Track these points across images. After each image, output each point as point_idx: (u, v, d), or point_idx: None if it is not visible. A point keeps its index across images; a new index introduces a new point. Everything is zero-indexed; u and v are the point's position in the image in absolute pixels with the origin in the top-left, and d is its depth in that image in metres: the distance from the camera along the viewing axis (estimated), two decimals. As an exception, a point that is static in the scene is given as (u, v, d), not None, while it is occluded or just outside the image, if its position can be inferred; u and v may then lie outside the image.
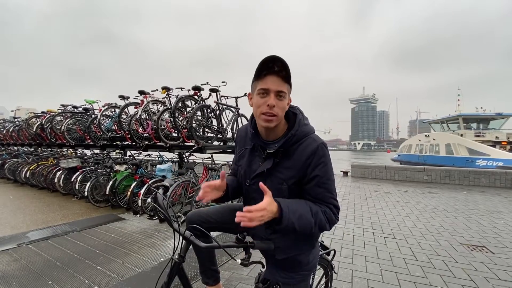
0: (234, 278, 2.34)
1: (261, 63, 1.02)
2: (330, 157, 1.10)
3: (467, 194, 6.51)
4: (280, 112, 1.06)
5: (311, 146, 1.07)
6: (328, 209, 1.06)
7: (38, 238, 3.31)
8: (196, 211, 1.39)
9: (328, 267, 1.62)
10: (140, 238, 3.36)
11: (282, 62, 1.01)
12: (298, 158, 1.07)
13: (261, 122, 1.07)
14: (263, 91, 1.04)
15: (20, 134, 7.75)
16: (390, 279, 2.37)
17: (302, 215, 0.99)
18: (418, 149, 23.31)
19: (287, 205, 0.98)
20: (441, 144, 20.02)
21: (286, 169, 1.10)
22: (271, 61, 1.01)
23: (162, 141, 4.34)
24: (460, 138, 18.91)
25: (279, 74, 1.03)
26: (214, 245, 0.93)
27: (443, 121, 22.72)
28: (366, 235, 3.55)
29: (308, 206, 1.03)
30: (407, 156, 24.80)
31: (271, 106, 1.03)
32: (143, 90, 4.86)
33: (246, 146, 1.25)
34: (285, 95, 1.06)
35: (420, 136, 24.11)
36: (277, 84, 1.03)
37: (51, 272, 2.47)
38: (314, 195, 1.07)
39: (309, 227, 1.00)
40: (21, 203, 5.24)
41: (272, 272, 1.17)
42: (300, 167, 1.07)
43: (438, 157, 19.73)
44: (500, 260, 2.78)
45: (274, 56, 1.01)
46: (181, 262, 1.07)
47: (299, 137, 1.09)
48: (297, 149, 1.09)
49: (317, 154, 1.06)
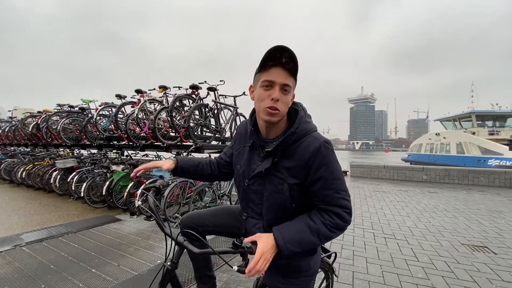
0: (233, 281, 2.29)
1: (267, 53, 0.93)
2: (335, 155, 1.02)
3: (467, 194, 6.48)
4: (283, 108, 0.99)
5: (313, 145, 0.99)
6: (335, 216, 0.98)
7: (32, 240, 3.25)
8: (190, 214, 1.33)
9: (329, 271, 1.57)
10: (137, 239, 3.29)
11: (290, 53, 0.92)
12: (299, 158, 1.00)
13: (263, 115, 1.00)
14: (267, 83, 0.96)
15: (16, 134, 7.66)
16: (392, 281, 2.33)
17: (302, 239, 0.95)
18: (429, 149, 22.15)
19: (281, 236, 0.94)
20: (452, 143, 19.01)
21: (286, 169, 1.02)
22: (279, 51, 0.92)
23: (159, 140, 4.27)
24: (472, 136, 17.83)
25: (286, 67, 0.94)
26: (208, 251, 0.87)
27: (455, 118, 21.25)
28: (366, 235, 3.51)
29: (307, 227, 0.97)
30: (417, 155, 23.57)
31: (275, 99, 0.95)
32: (140, 89, 4.79)
33: (245, 144, 1.19)
34: (290, 90, 0.99)
35: (430, 135, 22.95)
36: (283, 77, 0.95)
37: (44, 275, 2.40)
38: (322, 197, 1.00)
39: (314, 245, 0.99)
40: (16, 204, 5.17)
41: (271, 278, 1.12)
42: (302, 168, 0.99)
43: (449, 157, 18.73)
44: (503, 261, 2.74)
45: (282, 46, 0.91)
46: (174, 269, 1.01)
47: (299, 135, 1.02)
48: (297, 148, 1.01)
49: (320, 154, 0.98)
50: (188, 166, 1.29)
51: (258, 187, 1.09)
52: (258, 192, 1.09)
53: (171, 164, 1.26)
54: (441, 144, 20.41)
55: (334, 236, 0.99)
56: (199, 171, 1.32)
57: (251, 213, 1.16)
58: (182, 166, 1.27)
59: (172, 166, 1.26)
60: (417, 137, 28.11)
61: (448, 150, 19.47)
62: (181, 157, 1.32)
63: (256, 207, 1.13)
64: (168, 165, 1.26)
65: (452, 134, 19.98)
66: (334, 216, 0.98)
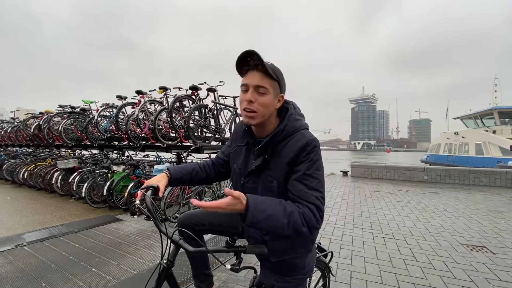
0: (231, 280, 2.31)
1: (237, 59, 0.98)
2: (320, 155, 1.03)
3: (467, 194, 6.47)
4: (261, 109, 1.00)
5: (300, 142, 1.01)
6: (308, 210, 0.92)
7: (33, 240, 3.28)
8: (187, 213, 1.35)
9: (325, 269, 1.58)
10: (137, 239, 3.32)
11: (257, 56, 0.95)
12: (287, 154, 1.02)
13: (243, 118, 1.04)
14: (244, 87, 1.01)
15: (18, 135, 7.72)
16: (389, 280, 2.34)
17: (272, 215, 0.88)
18: (447, 149, 20.76)
19: (255, 202, 0.87)
20: (470, 143, 17.63)
21: (275, 167, 1.05)
22: (248, 56, 0.97)
23: (160, 141, 4.30)
24: (492, 135, 16.45)
25: (258, 68, 0.98)
26: (202, 250, 0.89)
27: (477, 116, 19.63)
28: (365, 235, 3.52)
29: (283, 206, 0.92)
30: (435, 156, 22.34)
31: (247, 101, 0.99)
32: (140, 90, 4.82)
33: (241, 143, 1.21)
34: (267, 91, 1.00)
35: (449, 134, 21.39)
36: (256, 79, 0.98)
37: (45, 274, 2.43)
38: (294, 191, 0.98)
39: (280, 228, 0.89)
40: (18, 204, 5.21)
41: (267, 276, 1.14)
42: (288, 163, 1.01)
43: (467, 158, 17.38)
44: (501, 261, 2.75)
45: (249, 50, 0.95)
46: (170, 267, 1.03)
47: (288, 132, 1.04)
48: (286, 145, 1.03)
49: (305, 150, 0.99)
50: (182, 175, 1.26)
51: (252, 185, 1.11)
52: (253, 190, 1.11)
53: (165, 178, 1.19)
54: (460, 144, 19.00)
55: (301, 231, 0.90)
56: (194, 177, 1.31)
57: None
58: (175, 177, 1.23)
59: (166, 180, 1.19)
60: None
61: (466, 150, 18.07)
62: (173, 167, 1.27)
63: None
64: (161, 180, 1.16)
65: (471, 133, 18.64)
66: (307, 209, 0.93)
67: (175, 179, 1.24)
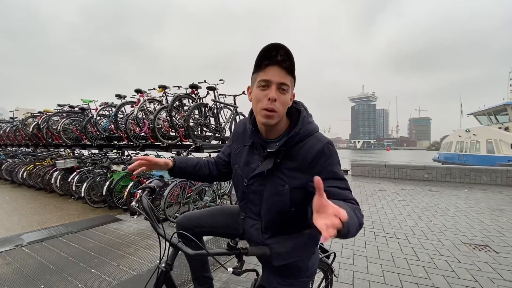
0: (232, 281, 2.28)
1: (262, 50, 0.89)
2: (338, 156, 0.99)
3: (469, 192, 6.45)
4: (281, 108, 0.95)
5: (316, 146, 0.96)
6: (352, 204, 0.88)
7: (32, 240, 3.25)
8: (186, 215, 1.31)
9: (328, 271, 1.55)
10: (137, 239, 3.29)
11: (286, 51, 0.89)
12: (302, 159, 0.97)
13: (261, 118, 0.97)
14: (264, 83, 0.93)
15: (17, 134, 7.69)
16: (393, 280, 2.31)
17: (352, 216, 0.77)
18: (459, 147, 19.70)
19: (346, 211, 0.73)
20: (482, 141, 16.72)
21: (288, 171, 1.00)
22: (274, 49, 0.89)
23: (159, 140, 4.27)
24: (504, 133, 15.63)
25: (282, 65, 0.91)
26: (202, 253, 0.85)
27: (490, 112, 18.66)
28: (367, 234, 3.49)
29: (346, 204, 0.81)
30: (447, 155, 21.21)
31: (272, 99, 0.92)
32: (139, 89, 4.78)
33: (244, 143, 1.16)
34: (288, 89, 0.95)
35: (460, 132, 20.34)
36: (279, 76, 0.92)
37: (44, 275, 2.40)
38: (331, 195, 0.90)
39: (359, 227, 0.82)
40: (17, 204, 5.18)
41: (269, 279, 1.10)
42: (305, 170, 0.97)
43: (478, 156, 16.56)
44: (504, 260, 2.72)
45: (277, 43, 0.88)
46: (169, 270, 0.99)
47: (302, 136, 0.99)
48: (300, 150, 0.98)
49: (324, 155, 0.96)
50: (186, 165, 1.25)
51: (258, 187, 1.07)
52: (258, 192, 1.07)
53: (169, 162, 1.21)
54: (471, 142, 17.96)
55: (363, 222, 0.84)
56: (197, 171, 1.28)
57: (250, 213, 1.14)
58: (179, 166, 1.22)
59: (170, 164, 1.21)
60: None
61: (478, 148, 17.10)
62: (179, 157, 1.27)
63: (255, 207, 1.11)
64: (165, 162, 1.20)
65: (482, 130, 17.68)
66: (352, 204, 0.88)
67: (179, 168, 1.23)
